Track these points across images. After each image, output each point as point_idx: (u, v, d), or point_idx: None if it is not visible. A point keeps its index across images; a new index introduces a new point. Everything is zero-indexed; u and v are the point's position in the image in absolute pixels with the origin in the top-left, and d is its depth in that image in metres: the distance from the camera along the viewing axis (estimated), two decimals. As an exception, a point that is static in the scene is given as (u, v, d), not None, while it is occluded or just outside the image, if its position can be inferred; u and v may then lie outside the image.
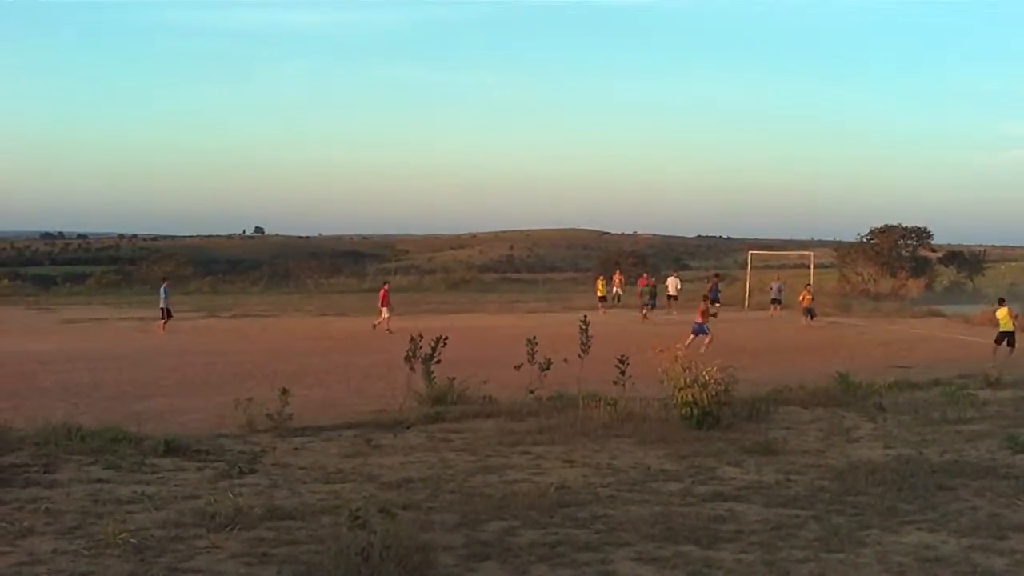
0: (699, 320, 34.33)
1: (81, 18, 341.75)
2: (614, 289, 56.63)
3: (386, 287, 43.77)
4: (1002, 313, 32.43)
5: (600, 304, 52.63)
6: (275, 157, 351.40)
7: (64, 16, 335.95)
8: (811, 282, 53.36)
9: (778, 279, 55.91)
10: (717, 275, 56.50)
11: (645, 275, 55.71)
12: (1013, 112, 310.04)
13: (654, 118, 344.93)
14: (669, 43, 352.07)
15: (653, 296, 51.03)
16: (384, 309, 41.55)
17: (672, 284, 55.63)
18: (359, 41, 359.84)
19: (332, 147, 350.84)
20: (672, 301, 53.59)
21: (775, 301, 52.60)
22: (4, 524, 10.27)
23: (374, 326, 40.21)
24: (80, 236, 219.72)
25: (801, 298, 51.13)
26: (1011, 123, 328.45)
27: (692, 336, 32.69)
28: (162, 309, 41.09)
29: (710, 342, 31.67)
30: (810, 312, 49.87)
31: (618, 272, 59.98)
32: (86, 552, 9.35)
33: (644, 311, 49.57)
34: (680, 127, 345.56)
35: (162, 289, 42.24)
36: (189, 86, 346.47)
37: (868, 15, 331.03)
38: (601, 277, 57.88)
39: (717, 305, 47.19)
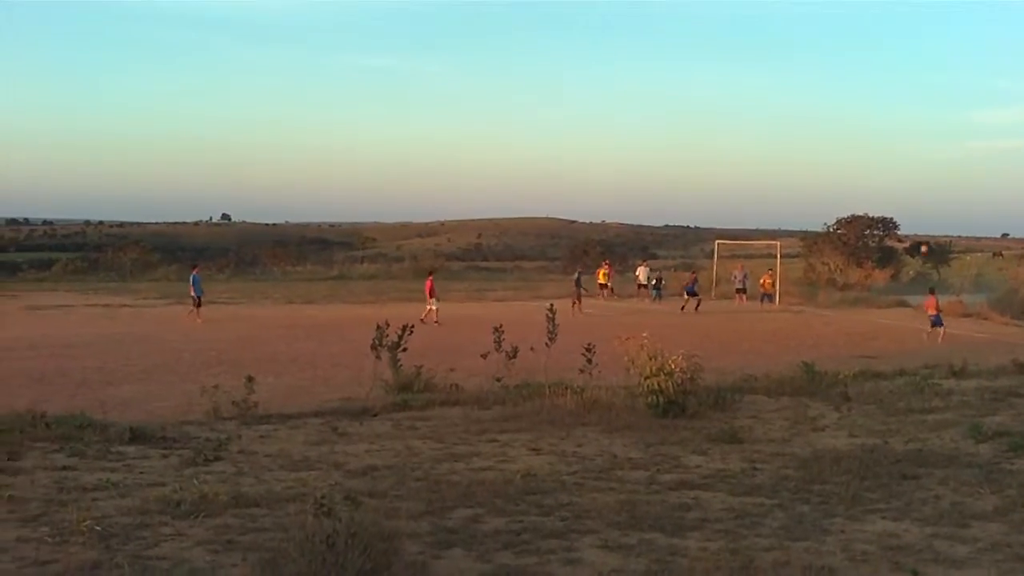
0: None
1: (46, 4, 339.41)
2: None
3: (431, 277, 42.14)
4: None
5: (600, 291, 52.84)
6: (242, 144, 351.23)
7: (23, 5, 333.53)
8: (772, 268, 53.79)
9: (741, 268, 56.10)
10: (695, 272, 56.81)
11: (607, 263, 56.18)
12: (980, 103, 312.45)
13: (624, 108, 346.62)
14: (640, 34, 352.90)
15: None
16: (432, 300, 40.02)
17: (642, 273, 56.08)
18: (327, 28, 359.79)
19: (299, 135, 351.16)
20: (641, 289, 54.07)
21: (740, 290, 52.87)
22: (-33, 512, 10.23)
23: (422, 320, 36.00)
24: (46, 223, 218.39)
25: (762, 282, 51.63)
26: (978, 114, 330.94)
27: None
28: (193, 297, 40.41)
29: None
30: (769, 297, 50.32)
31: (607, 263, 59.88)
32: (50, 540, 9.31)
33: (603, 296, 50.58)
34: (649, 117, 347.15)
35: (193, 276, 41.23)
36: (156, 73, 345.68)
37: (837, 6, 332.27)
38: (606, 264, 58.05)
39: (687, 299, 47.97)
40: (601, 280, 54.52)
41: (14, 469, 12.48)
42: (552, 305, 20.20)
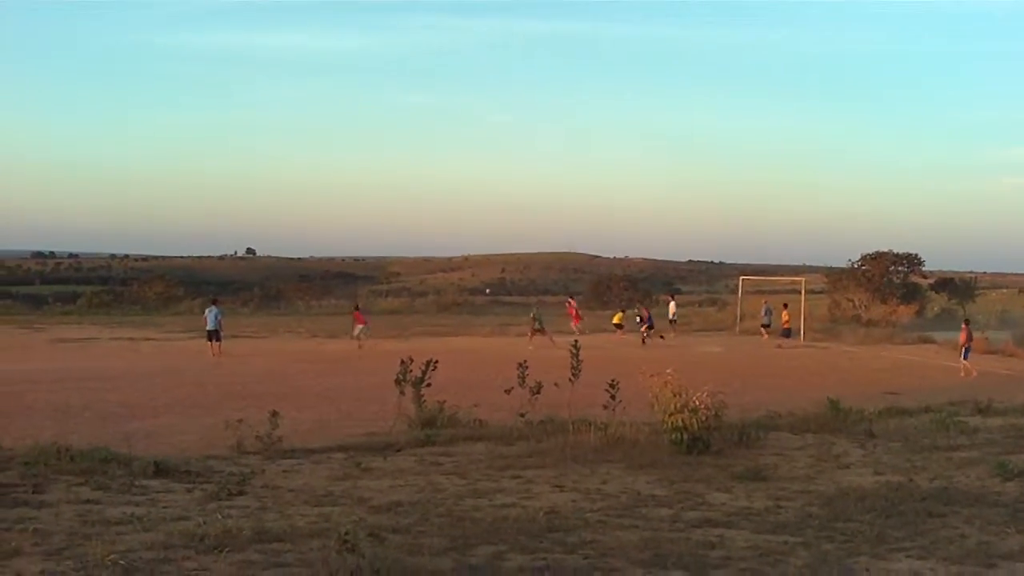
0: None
1: (75, 40, 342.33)
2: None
3: (358, 309, 47.27)
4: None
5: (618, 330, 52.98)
6: (267, 179, 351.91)
7: (58, 38, 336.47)
8: (788, 304, 53.83)
9: (765, 303, 56.15)
10: (645, 307, 57.30)
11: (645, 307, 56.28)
12: (1005, 140, 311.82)
13: (647, 144, 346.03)
14: (664, 71, 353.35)
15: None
16: (359, 327, 45.09)
17: (671, 308, 56.24)
18: (352, 64, 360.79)
19: (324, 169, 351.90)
20: (672, 325, 54.17)
21: (764, 326, 52.87)
22: (-8, 544, 10.24)
23: (359, 346, 42.48)
24: (71, 255, 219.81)
25: (783, 319, 51.63)
26: (1003, 151, 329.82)
27: None
28: (210, 331, 40.53)
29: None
30: (787, 333, 50.34)
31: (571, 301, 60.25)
32: (75, 573, 9.30)
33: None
34: (674, 153, 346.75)
35: (209, 311, 41.47)
36: (182, 108, 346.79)
37: (861, 44, 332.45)
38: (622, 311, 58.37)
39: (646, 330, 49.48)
40: (617, 320, 54.53)
41: (39, 502, 12.50)
42: (576, 341, 20.16)
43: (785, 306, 53.62)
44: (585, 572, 9.79)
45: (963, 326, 38.26)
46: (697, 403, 17.17)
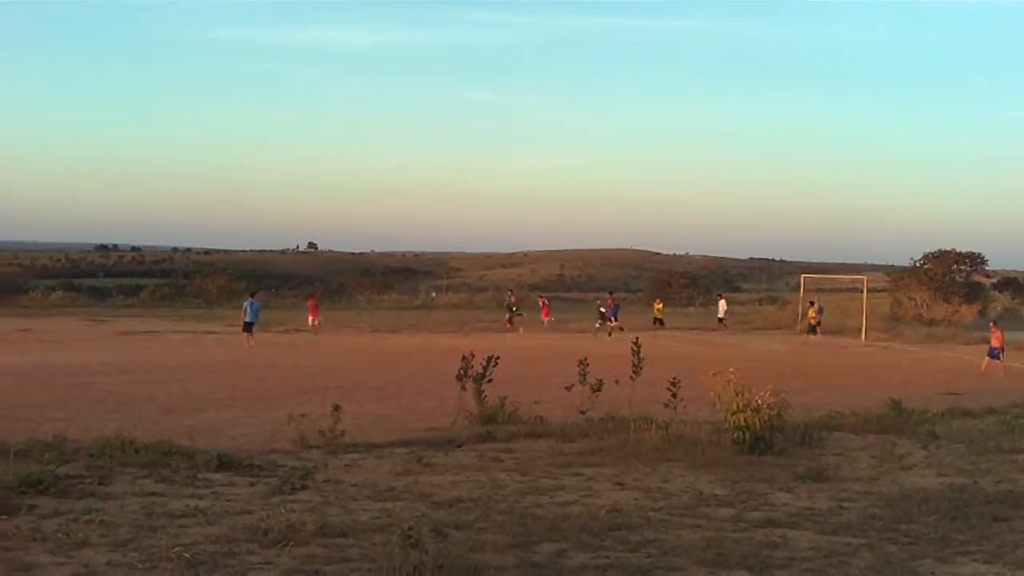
0: None
1: (139, 34, 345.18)
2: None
3: (313, 297, 50.66)
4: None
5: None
6: (330, 173, 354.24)
7: (121, 35, 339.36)
8: (814, 301, 53.92)
9: (817, 300, 56.13)
10: (611, 293, 57.81)
11: (610, 295, 56.38)
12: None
13: (710, 141, 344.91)
14: (728, 68, 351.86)
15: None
16: (312, 318, 48.16)
17: (722, 307, 56.31)
18: (415, 62, 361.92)
19: (386, 165, 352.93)
20: (721, 323, 54.30)
21: (817, 323, 52.88)
22: (60, 535, 10.33)
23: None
24: (134, 249, 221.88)
25: (810, 315, 51.52)
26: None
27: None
28: (245, 323, 41.27)
29: None
30: (813, 330, 50.22)
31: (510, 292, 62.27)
32: (140, 565, 9.37)
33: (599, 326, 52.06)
34: (736, 150, 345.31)
35: (250, 304, 42.06)
36: (246, 103, 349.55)
37: (922, 42, 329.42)
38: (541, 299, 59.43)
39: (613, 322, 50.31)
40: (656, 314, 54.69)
41: (104, 494, 12.62)
42: (637, 338, 20.12)
43: (812, 303, 53.61)
44: (647, 571, 9.77)
45: (992, 326, 38.35)
46: (760, 402, 17.07)
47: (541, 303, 57.99)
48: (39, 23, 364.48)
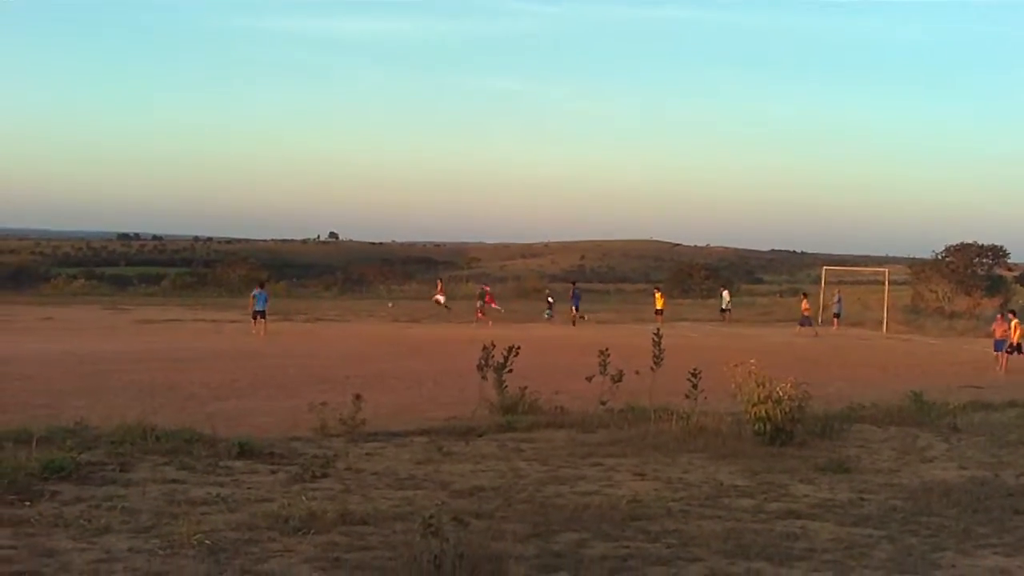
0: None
1: (167, 25, 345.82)
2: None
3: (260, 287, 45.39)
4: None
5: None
6: (351, 163, 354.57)
7: (145, 24, 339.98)
8: (807, 294, 54.25)
9: (837, 293, 56.22)
10: (575, 283, 58.10)
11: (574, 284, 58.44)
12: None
13: (731, 132, 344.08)
14: (746, 61, 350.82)
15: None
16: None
17: (725, 297, 56.77)
18: (437, 51, 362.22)
19: (408, 155, 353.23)
20: (723, 314, 54.83)
21: (836, 315, 53.04)
22: (82, 521, 10.39)
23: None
24: (155, 238, 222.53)
25: (803, 308, 51.67)
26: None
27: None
28: (257, 311, 41.46)
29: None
30: (808, 321, 50.32)
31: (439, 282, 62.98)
32: (161, 552, 9.43)
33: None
34: (757, 142, 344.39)
35: (258, 294, 42.40)
36: (268, 92, 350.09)
37: (944, 33, 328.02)
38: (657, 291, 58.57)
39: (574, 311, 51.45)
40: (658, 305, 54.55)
41: (125, 480, 12.69)
42: (658, 329, 20.11)
43: (804, 295, 53.84)
44: (668, 561, 9.77)
45: (999, 318, 38.17)
46: (781, 394, 17.04)
47: (487, 294, 56.85)
48: (63, 13, 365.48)
